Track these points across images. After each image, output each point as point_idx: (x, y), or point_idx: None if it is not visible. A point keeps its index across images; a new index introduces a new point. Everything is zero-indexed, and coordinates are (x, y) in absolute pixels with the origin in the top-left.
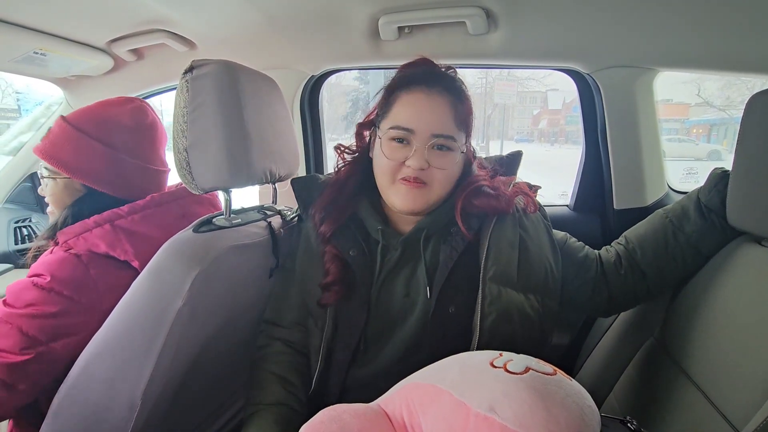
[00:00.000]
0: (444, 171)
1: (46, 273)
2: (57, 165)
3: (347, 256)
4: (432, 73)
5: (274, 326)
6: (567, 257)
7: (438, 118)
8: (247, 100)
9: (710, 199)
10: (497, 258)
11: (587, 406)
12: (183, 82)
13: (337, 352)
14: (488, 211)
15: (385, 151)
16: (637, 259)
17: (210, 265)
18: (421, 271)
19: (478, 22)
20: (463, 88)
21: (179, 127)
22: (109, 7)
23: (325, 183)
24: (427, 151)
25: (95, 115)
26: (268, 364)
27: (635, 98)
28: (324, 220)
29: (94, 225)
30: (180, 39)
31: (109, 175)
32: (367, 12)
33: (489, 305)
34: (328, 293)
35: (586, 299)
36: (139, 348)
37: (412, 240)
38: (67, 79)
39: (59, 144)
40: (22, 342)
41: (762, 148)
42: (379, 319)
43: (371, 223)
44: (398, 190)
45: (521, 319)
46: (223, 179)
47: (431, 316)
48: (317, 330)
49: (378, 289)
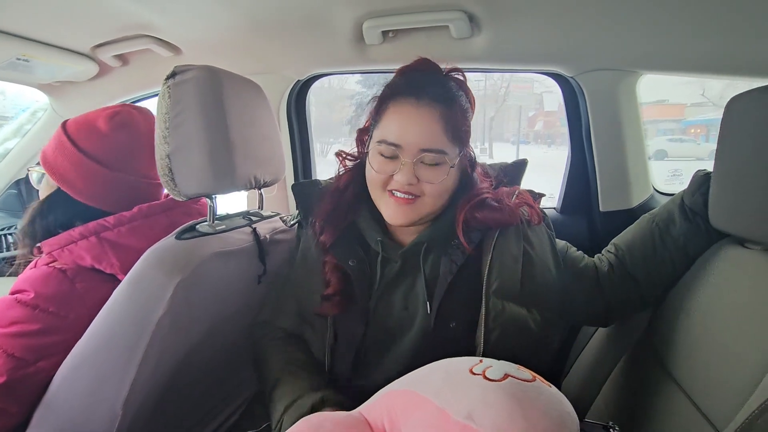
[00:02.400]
0: (435, 186)
1: (30, 289)
2: (42, 162)
3: (347, 266)
4: (422, 81)
5: (269, 326)
6: (567, 267)
7: (426, 132)
8: (231, 106)
9: (694, 202)
10: (500, 272)
11: (566, 413)
12: (165, 88)
13: (337, 362)
14: (491, 224)
15: (373, 164)
16: (628, 266)
17: (192, 272)
18: (420, 284)
19: (462, 26)
20: (457, 94)
21: (161, 133)
22: (92, 12)
23: (326, 189)
24: (415, 165)
25: (82, 121)
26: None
27: (619, 101)
28: (324, 229)
29: (80, 237)
30: (165, 44)
31: (84, 183)
32: (351, 16)
33: (493, 320)
34: (329, 304)
35: (582, 309)
36: (119, 358)
37: (412, 252)
38: (52, 86)
39: (50, 144)
40: (7, 364)
41: (741, 151)
42: (377, 330)
43: (371, 234)
44: (388, 203)
45: (524, 333)
46: (207, 185)
47: (432, 330)
48: (318, 340)
49: (376, 301)
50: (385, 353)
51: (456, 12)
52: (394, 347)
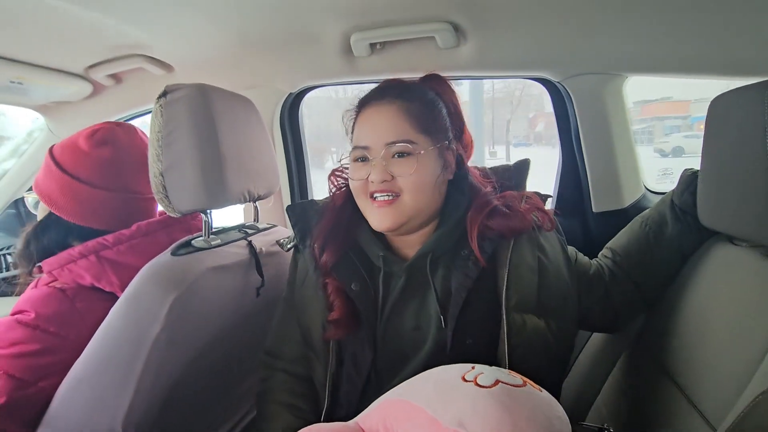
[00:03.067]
0: (410, 177)
1: (31, 309)
2: (34, 186)
3: (349, 290)
4: (385, 86)
5: (276, 358)
6: (579, 275)
7: (389, 127)
8: (222, 122)
9: (684, 201)
10: (518, 285)
11: (556, 417)
12: (157, 107)
13: (344, 386)
14: (505, 233)
15: (351, 173)
16: (626, 270)
17: (188, 288)
18: (432, 300)
19: (447, 37)
20: (421, 91)
21: (154, 151)
22: (85, 33)
23: (323, 209)
24: (386, 162)
25: (66, 142)
26: (273, 395)
27: (605, 103)
28: (325, 249)
29: (79, 256)
30: (157, 62)
31: (72, 204)
32: (339, 30)
33: (515, 336)
34: (334, 329)
35: (597, 317)
36: (116, 376)
37: (418, 265)
38: (47, 106)
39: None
40: (8, 385)
41: (726, 149)
42: (388, 355)
43: (372, 250)
44: (372, 210)
45: (545, 346)
46: (201, 201)
47: (449, 349)
48: (320, 365)
49: (385, 323)
50: (397, 376)
51: (441, 23)
52: (406, 370)
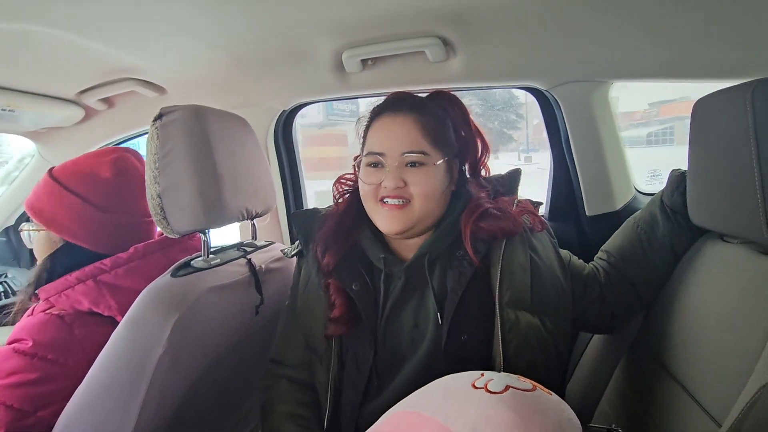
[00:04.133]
0: (421, 186)
1: (28, 337)
2: (35, 215)
3: (350, 290)
4: (399, 99)
5: (279, 365)
6: (573, 276)
7: (405, 137)
8: (217, 142)
9: (674, 202)
10: (511, 282)
11: (566, 419)
12: (153, 130)
13: (345, 388)
14: (497, 233)
15: (363, 176)
16: (622, 271)
17: (189, 309)
18: (430, 298)
19: (437, 51)
20: (433, 107)
21: (151, 173)
22: (77, 59)
23: (326, 216)
24: (400, 169)
25: (76, 167)
26: (277, 405)
27: (593, 109)
28: (326, 251)
29: (76, 281)
30: (149, 85)
31: (85, 230)
32: (330, 48)
33: (509, 332)
34: (335, 326)
35: (594, 317)
36: (119, 402)
37: (416, 266)
38: (39, 132)
39: (40, 195)
40: (8, 416)
41: (713, 149)
42: (388, 353)
43: (373, 252)
44: (381, 213)
45: (539, 343)
46: (199, 221)
47: (444, 346)
48: (322, 368)
49: (385, 322)
50: (397, 373)
51: (430, 38)
52: (405, 367)
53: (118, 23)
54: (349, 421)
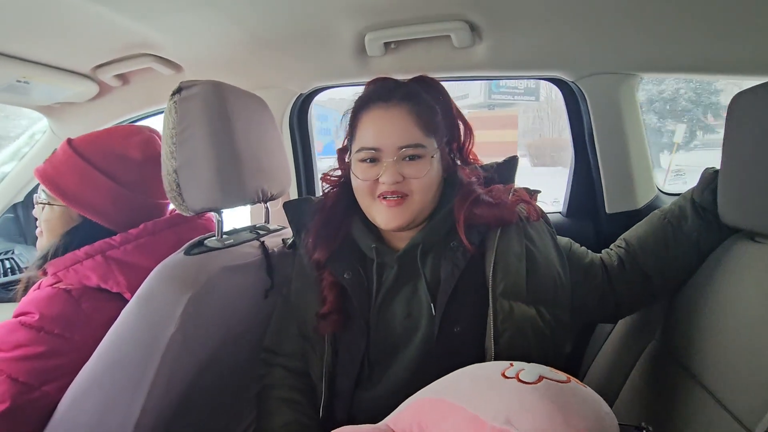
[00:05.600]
0: (420, 179)
1: (35, 311)
2: (56, 192)
3: (342, 279)
4: (386, 87)
5: (274, 354)
6: (573, 264)
7: (400, 130)
8: (237, 120)
9: (704, 199)
10: (505, 272)
11: (605, 413)
12: (171, 104)
13: (339, 378)
14: (490, 221)
15: (357, 173)
16: (640, 261)
17: (202, 287)
18: (423, 289)
19: (463, 36)
20: (423, 93)
21: (168, 148)
22: (94, 33)
23: (317, 207)
24: (397, 164)
25: (104, 145)
26: (272, 391)
27: (620, 104)
28: (317, 245)
29: (85, 256)
30: (166, 62)
31: (110, 209)
32: (354, 29)
33: (502, 322)
34: (325, 322)
35: (594, 306)
36: (129, 379)
37: (409, 256)
38: (52, 107)
39: (62, 170)
40: (13, 388)
41: (746, 147)
42: (381, 342)
43: (365, 242)
44: (379, 209)
45: (535, 333)
46: (215, 199)
47: (437, 337)
48: (317, 358)
49: (377, 312)
50: (390, 364)
51: (457, 22)
52: (399, 357)
53: None
54: (343, 408)
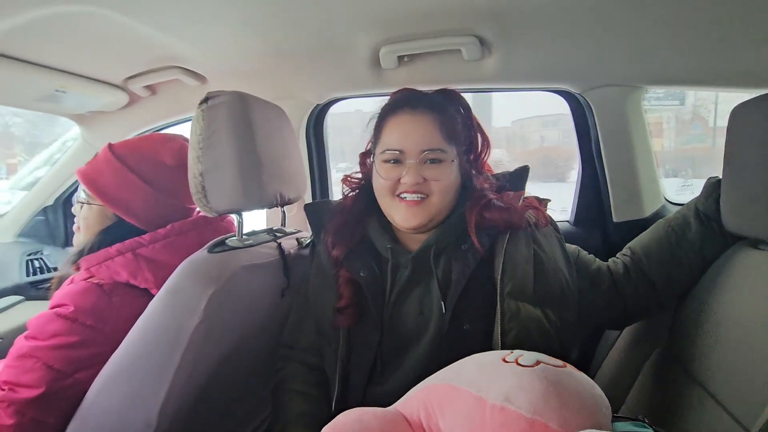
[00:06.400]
0: (440, 181)
1: (70, 303)
2: (95, 191)
3: (358, 277)
4: (413, 96)
5: (291, 349)
6: (580, 270)
7: (424, 135)
8: (258, 128)
9: (708, 207)
10: (513, 273)
11: (598, 395)
12: (199, 112)
13: (353, 372)
14: (500, 225)
15: (380, 172)
16: (645, 268)
17: (225, 284)
18: (434, 288)
19: (473, 49)
20: (447, 105)
21: (195, 153)
22: (128, 45)
23: (337, 208)
24: (420, 166)
25: (141, 151)
26: (287, 383)
27: (626, 115)
28: (336, 244)
29: (117, 253)
30: (192, 74)
31: (142, 210)
32: (369, 43)
33: (508, 321)
34: (342, 316)
35: (601, 312)
36: (155, 367)
37: (422, 257)
38: (84, 115)
39: (102, 172)
40: (48, 375)
41: (747, 156)
42: (393, 337)
43: (380, 243)
44: (399, 208)
45: (540, 334)
46: (237, 202)
47: (446, 334)
48: (331, 352)
49: (390, 309)
50: (402, 359)
51: (468, 36)
52: (410, 353)
53: (172, 9)
54: (356, 401)
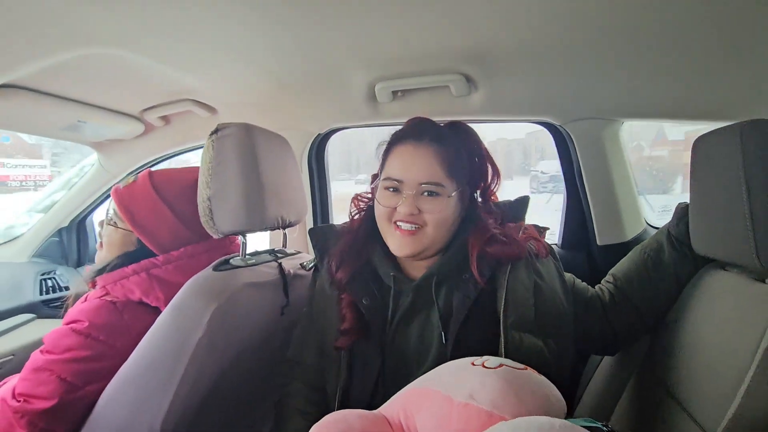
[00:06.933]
0: (435, 215)
1: (84, 319)
2: (125, 215)
3: (361, 304)
4: (421, 127)
5: (294, 366)
6: (576, 298)
7: (424, 167)
8: (263, 156)
9: (679, 232)
10: (516, 305)
11: (553, 395)
12: (209, 141)
13: (353, 397)
14: (502, 258)
15: (380, 198)
16: (628, 294)
17: (227, 300)
18: (435, 317)
19: (460, 86)
20: (452, 138)
21: (204, 179)
22: (145, 81)
23: (341, 232)
24: (416, 198)
25: (179, 184)
26: (289, 400)
27: (604, 145)
28: (339, 268)
29: (132, 273)
30: (203, 106)
31: (166, 240)
32: (366, 79)
33: (513, 352)
34: (345, 338)
35: (594, 339)
36: (160, 379)
37: (424, 286)
38: (102, 143)
39: (137, 198)
40: (61, 387)
41: (710, 183)
42: (395, 360)
43: (384, 270)
44: (394, 236)
45: (541, 364)
46: (241, 223)
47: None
48: (333, 372)
49: (392, 334)
50: (403, 382)
51: (455, 74)
52: (411, 376)
53: (186, 49)
54: None
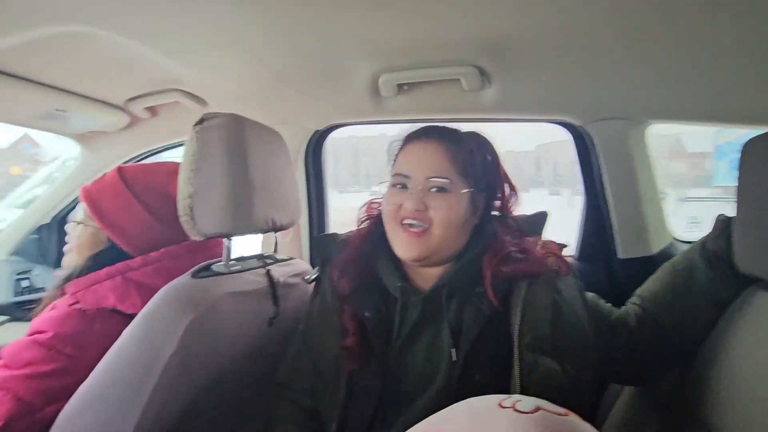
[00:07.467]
0: (442, 212)
1: (49, 329)
2: (94, 212)
3: (363, 317)
4: (433, 126)
5: (285, 389)
6: (600, 321)
7: (432, 162)
8: (252, 151)
9: (719, 247)
10: (532, 324)
11: None
12: (193, 132)
13: (351, 421)
14: (518, 276)
15: (387, 197)
16: (657, 317)
17: (206, 311)
18: (445, 333)
19: (473, 80)
20: (466, 140)
21: (185, 174)
22: (130, 67)
23: (346, 240)
24: (423, 193)
25: (150, 179)
26: (279, 425)
27: (630, 149)
28: (342, 278)
29: (106, 277)
30: (192, 97)
31: (139, 238)
32: (369, 71)
33: (527, 375)
34: (348, 358)
35: (618, 366)
36: (124, 400)
37: (434, 298)
38: (84, 135)
39: (105, 193)
40: (16, 408)
41: (761, 192)
42: (398, 386)
43: (390, 280)
44: (400, 238)
45: (559, 391)
46: (225, 225)
47: (455, 384)
48: (329, 398)
49: (397, 354)
50: (406, 409)
51: (468, 67)
52: (416, 402)
53: (175, 34)
54: None
